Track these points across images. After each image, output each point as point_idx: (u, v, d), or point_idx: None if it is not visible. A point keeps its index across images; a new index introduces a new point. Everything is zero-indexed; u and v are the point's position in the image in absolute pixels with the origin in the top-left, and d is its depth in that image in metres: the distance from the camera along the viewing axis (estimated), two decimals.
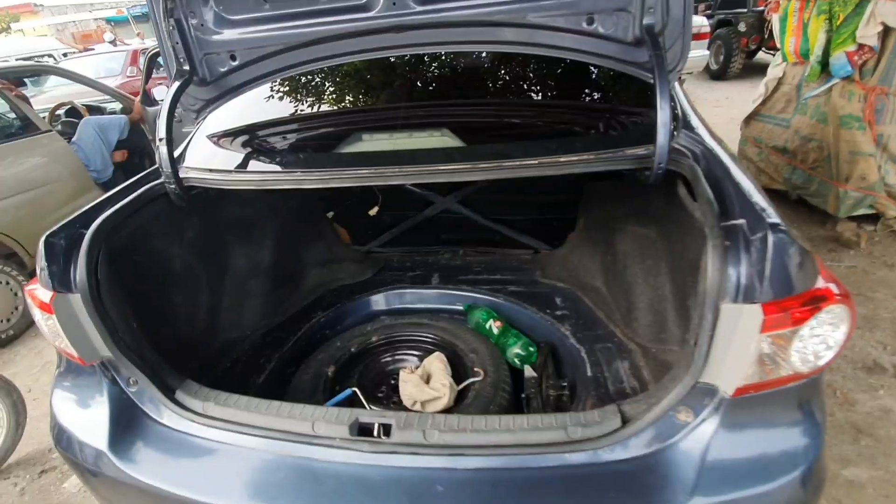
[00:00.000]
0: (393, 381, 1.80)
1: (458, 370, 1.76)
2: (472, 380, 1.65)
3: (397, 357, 1.90)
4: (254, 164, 1.58)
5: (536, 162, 1.26)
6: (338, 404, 1.61)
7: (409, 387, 1.62)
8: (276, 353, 1.87)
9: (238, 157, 1.67)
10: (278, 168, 1.56)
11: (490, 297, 2.13)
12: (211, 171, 1.53)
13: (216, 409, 1.23)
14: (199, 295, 1.85)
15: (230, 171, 1.53)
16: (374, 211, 2.57)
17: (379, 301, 2.25)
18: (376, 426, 1.16)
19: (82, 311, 1.22)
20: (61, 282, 1.23)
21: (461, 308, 2.16)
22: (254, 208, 2.04)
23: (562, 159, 1.26)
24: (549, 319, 1.94)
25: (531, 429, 1.10)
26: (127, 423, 1.25)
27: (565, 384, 1.64)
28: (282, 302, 2.15)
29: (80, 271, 1.23)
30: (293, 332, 1.99)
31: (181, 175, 1.52)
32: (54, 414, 1.31)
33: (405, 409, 1.61)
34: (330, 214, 2.60)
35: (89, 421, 1.25)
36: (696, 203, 1.18)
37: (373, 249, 2.63)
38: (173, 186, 1.50)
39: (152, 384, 1.26)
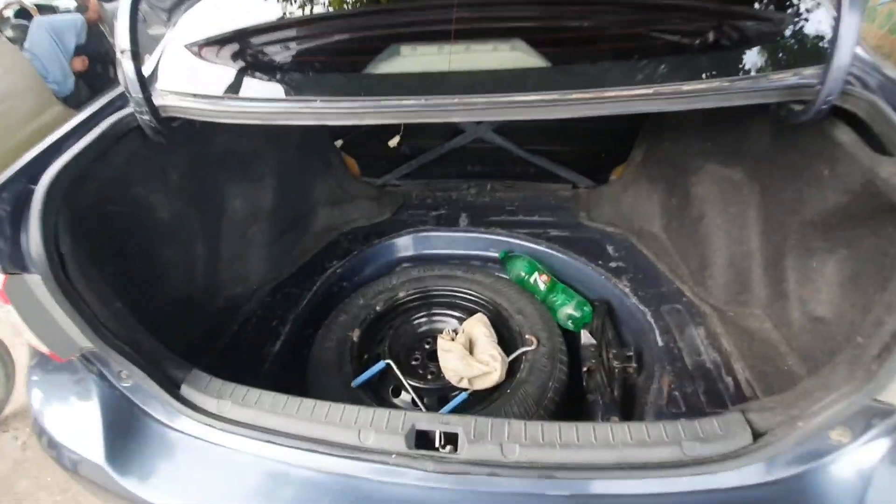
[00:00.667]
0: (428, 346, 1.58)
1: (504, 336, 1.54)
2: (524, 349, 1.43)
3: (431, 318, 1.66)
4: (253, 87, 1.21)
5: (651, 91, 0.91)
6: (369, 381, 1.39)
7: (453, 359, 1.39)
8: (290, 314, 1.61)
9: (230, 74, 1.28)
10: (288, 93, 1.19)
11: (531, 244, 1.85)
12: (196, 96, 1.15)
13: (235, 409, 1.00)
14: (194, 247, 1.55)
15: (222, 98, 1.16)
16: (394, 141, 2.18)
17: (402, 246, 1.96)
18: (438, 435, 0.93)
19: (46, 296, 0.93)
20: (12, 260, 0.92)
21: (496, 255, 1.89)
22: (250, 140, 1.66)
23: (685, 88, 0.91)
24: (603, 273, 1.69)
25: (637, 443, 0.88)
26: (124, 428, 1.01)
27: (631, 354, 1.43)
28: (290, 250, 1.85)
29: (33, 244, 0.91)
30: (307, 287, 1.72)
31: (157, 102, 1.14)
32: (35, 418, 1.06)
33: (444, 382, 1.40)
34: (338, 143, 2.22)
35: (78, 427, 1.01)
36: (878, 157, 0.87)
37: (388, 183, 2.29)
38: (147, 118, 1.14)
39: (150, 378, 1.00)
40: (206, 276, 1.58)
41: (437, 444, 0.93)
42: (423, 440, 0.94)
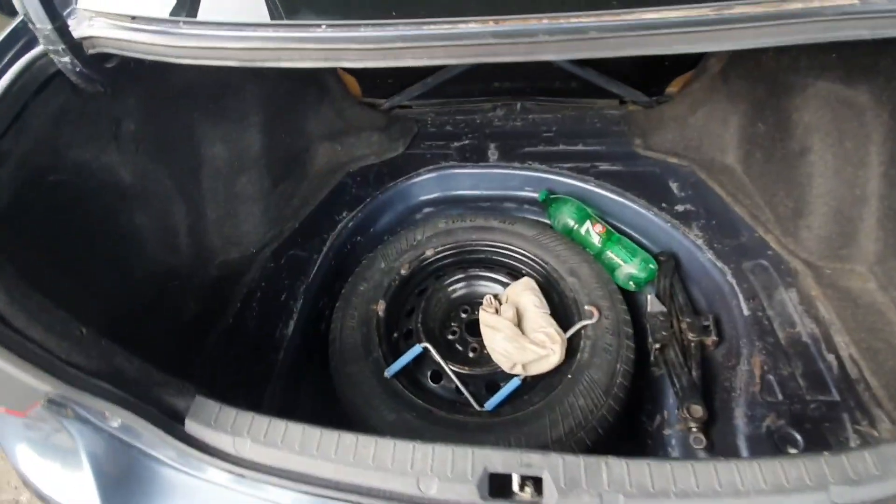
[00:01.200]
0: (465, 316, 1.35)
1: (556, 304, 1.31)
2: (583, 323, 1.21)
3: (469, 282, 1.41)
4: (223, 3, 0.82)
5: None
6: (404, 369, 1.19)
7: (501, 339, 1.18)
8: (300, 284, 1.36)
9: None
10: (277, 12, 0.81)
11: (577, 182, 1.55)
12: (136, 21, 0.78)
13: (256, 449, 0.79)
14: (170, 211, 1.25)
15: (177, 23, 0.78)
16: None
17: (422, 189, 1.65)
18: (516, 480, 0.74)
19: None
20: None
21: (535, 196, 1.59)
22: (221, 69, 1.27)
23: None
24: (669, 219, 1.41)
25: (772, 489, 0.69)
26: (123, 476, 0.81)
27: (709, 324, 1.21)
28: (288, 201, 1.54)
29: None
30: (315, 248, 1.45)
31: (77, 34, 0.77)
32: (25, 480, 0.85)
33: (491, 366, 1.20)
34: None
35: (70, 484, 0.81)
36: None
37: (397, 105, 1.89)
38: (67, 60, 0.77)
39: (143, 419, 0.78)
40: (192, 244, 1.30)
41: (514, 488, 0.74)
42: (497, 486, 0.75)
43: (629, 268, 1.34)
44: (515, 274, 1.39)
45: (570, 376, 1.13)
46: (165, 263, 1.21)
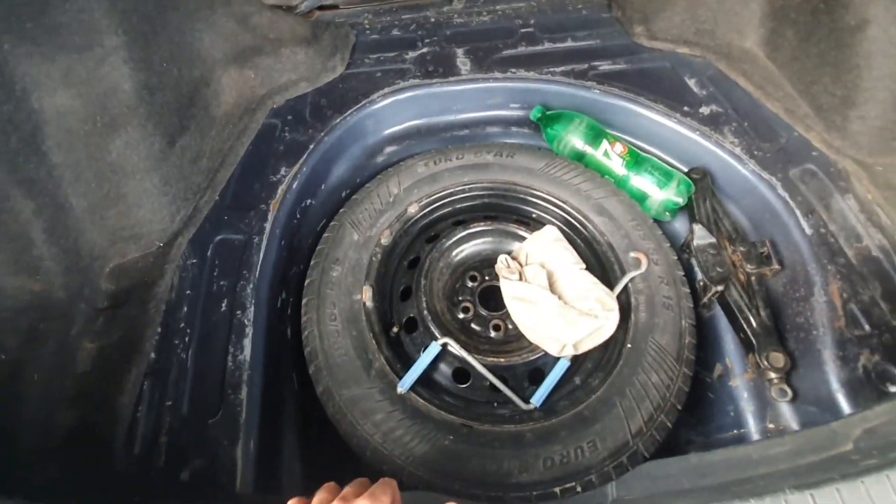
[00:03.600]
0: (473, 284, 1.05)
1: (587, 254, 1.05)
2: (631, 275, 0.96)
3: (472, 240, 1.09)
4: None
5: None
6: (426, 373, 0.89)
7: (543, 317, 0.90)
8: (245, 283, 0.97)
9: None
10: None
11: (577, 90, 1.23)
12: None
13: None
14: (7, 211, 0.78)
15: None
16: None
17: (380, 121, 1.24)
18: None
19: None
20: None
21: (526, 114, 1.26)
22: None
23: None
24: (695, 125, 1.16)
25: None
26: None
27: (766, 250, 1.01)
28: (195, 162, 1.08)
29: None
30: (254, 227, 1.03)
31: None
32: None
33: (526, 350, 0.94)
34: None
35: None
36: None
37: (317, 4, 1.38)
38: None
39: None
40: (58, 254, 0.85)
41: None
42: None
43: (664, 193, 1.09)
44: (529, 222, 1.10)
45: (629, 346, 0.90)
46: (22, 296, 0.77)
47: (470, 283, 1.05)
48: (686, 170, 1.16)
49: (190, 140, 1.07)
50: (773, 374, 0.90)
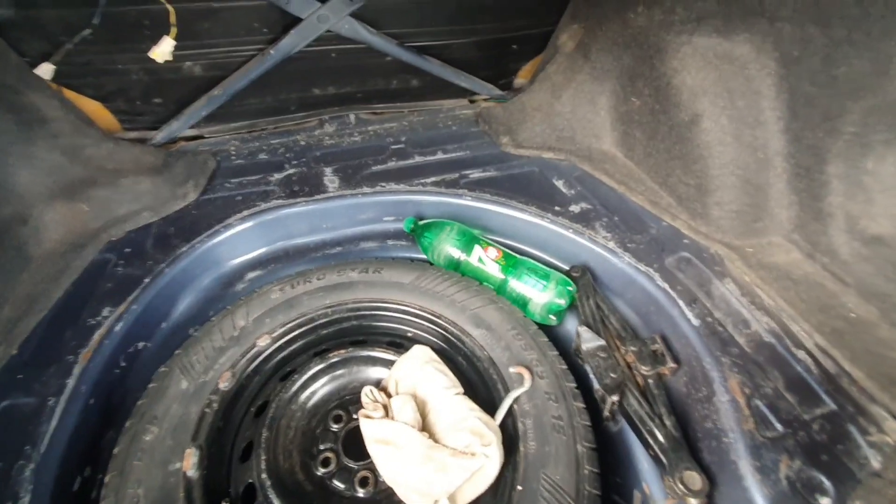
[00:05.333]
0: (338, 427, 0.87)
1: (465, 373, 0.91)
2: (514, 394, 0.83)
3: (334, 373, 0.92)
4: None
5: None
6: None
7: (407, 464, 0.73)
8: (24, 461, 0.73)
9: None
10: None
11: (449, 198, 1.20)
12: None
13: None
14: None
15: None
16: (162, 50, 1.17)
17: (236, 247, 1.13)
18: None
19: None
20: None
21: (399, 226, 1.20)
22: None
23: None
24: (567, 223, 1.13)
25: None
26: None
27: (658, 347, 0.93)
28: None
29: None
30: (52, 386, 0.82)
31: None
32: None
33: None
34: (47, 69, 1.13)
35: None
36: None
37: (178, 137, 1.33)
38: None
39: None
40: None
41: None
42: None
43: (545, 295, 1.01)
44: (403, 343, 0.96)
45: (520, 488, 0.73)
46: None
47: (334, 426, 0.87)
48: (565, 269, 1.10)
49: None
50: (692, 500, 0.75)
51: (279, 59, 1.24)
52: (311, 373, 0.90)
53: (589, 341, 0.95)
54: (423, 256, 1.14)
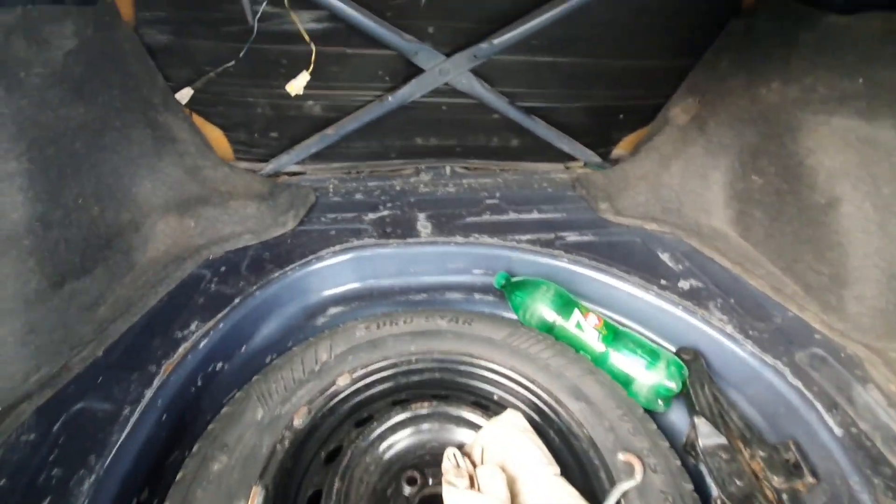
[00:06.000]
0: (411, 490, 0.77)
1: (559, 450, 0.80)
2: (623, 487, 0.70)
3: (416, 428, 0.84)
4: None
5: None
6: None
7: None
8: (93, 460, 0.69)
9: None
10: None
11: (544, 258, 1.14)
12: None
13: None
14: None
15: None
16: (298, 85, 1.26)
17: (325, 280, 1.11)
18: None
19: None
20: None
21: (489, 280, 1.14)
22: None
23: None
24: (676, 300, 1.03)
25: None
26: None
27: (792, 456, 0.78)
28: (86, 311, 0.90)
29: None
30: (131, 395, 0.80)
31: None
32: None
33: None
34: (186, 94, 1.24)
35: None
36: None
37: (283, 171, 1.39)
38: None
39: None
40: None
41: None
42: None
43: (653, 376, 0.89)
44: (489, 406, 0.87)
45: None
46: None
47: (407, 489, 0.77)
48: (673, 350, 0.99)
49: (89, 284, 0.90)
50: None
51: (394, 106, 1.30)
52: (390, 423, 0.82)
53: (707, 437, 0.81)
54: (512, 315, 1.07)
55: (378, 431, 0.81)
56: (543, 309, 1.01)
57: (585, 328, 0.97)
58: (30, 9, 0.80)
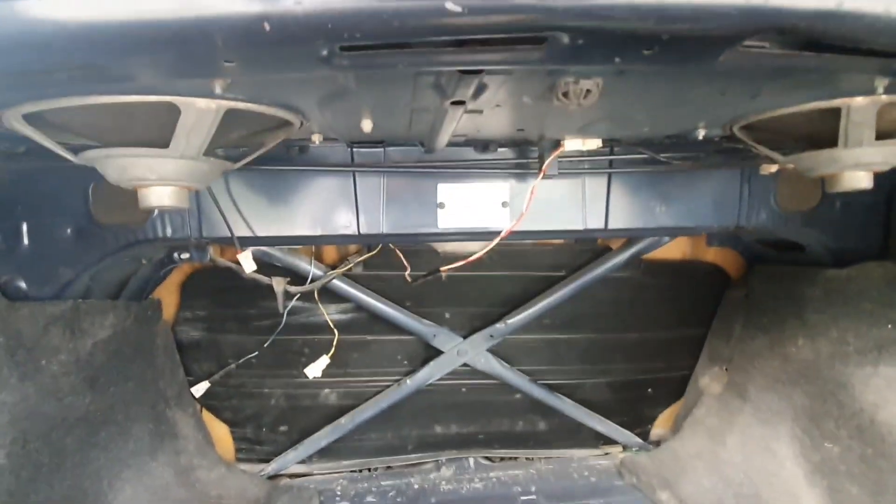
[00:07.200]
0: None
1: None
2: None
3: None
4: None
5: None
6: None
7: None
8: None
9: None
10: None
11: None
12: None
13: None
14: None
15: None
16: (317, 368, 1.23)
17: None
18: None
19: None
20: None
21: None
22: None
23: None
24: None
25: None
26: None
27: None
28: None
29: None
30: None
31: None
32: None
33: None
34: (202, 387, 1.20)
35: None
36: None
37: (283, 472, 1.23)
38: None
39: None
40: None
41: None
42: None
43: None
44: None
45: None
46: None
47: None
48: None
49: None
50: None
51: (412, 389, 1.24)
52: None
53: None
54: None
55: None
56: None
57: None
58: (80, 302, 0.87)
